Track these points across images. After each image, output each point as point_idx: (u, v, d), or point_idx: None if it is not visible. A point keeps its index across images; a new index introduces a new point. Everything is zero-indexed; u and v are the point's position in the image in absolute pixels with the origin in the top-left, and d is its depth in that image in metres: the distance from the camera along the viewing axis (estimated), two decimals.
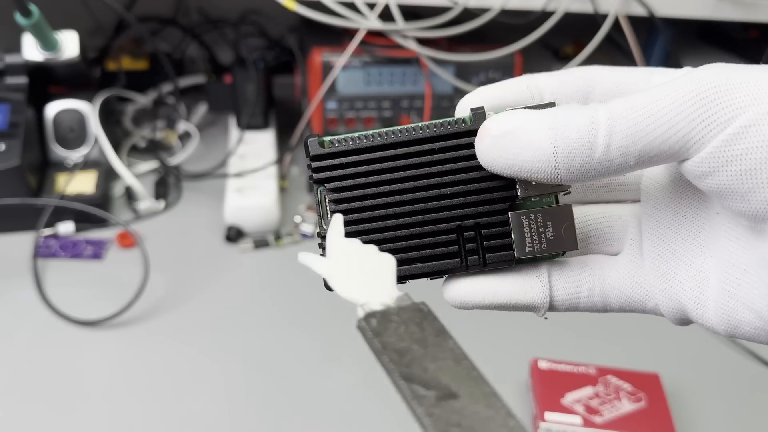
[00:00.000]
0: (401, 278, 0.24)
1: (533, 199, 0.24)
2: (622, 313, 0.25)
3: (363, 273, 0.21)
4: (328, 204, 0.24)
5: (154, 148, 0.81)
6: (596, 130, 0.20)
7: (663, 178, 0.24)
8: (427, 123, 0.24)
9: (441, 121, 0.24)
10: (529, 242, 0.24)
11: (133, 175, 0.73)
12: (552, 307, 0.24)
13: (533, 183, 0.23)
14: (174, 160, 0.80)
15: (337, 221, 0.23)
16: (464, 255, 0.24)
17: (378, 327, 0.18)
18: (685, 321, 0.24)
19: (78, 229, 0.68)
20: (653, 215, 0.24)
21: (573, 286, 0.24)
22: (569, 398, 0.49)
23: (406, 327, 0.18)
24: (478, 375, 0.17)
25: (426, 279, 0.25)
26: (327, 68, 0.73)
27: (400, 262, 0.23)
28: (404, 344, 0.18)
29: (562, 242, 0.24)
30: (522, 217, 0.24)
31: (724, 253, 0.22)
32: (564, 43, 0.97)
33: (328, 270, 0.21)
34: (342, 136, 0.24)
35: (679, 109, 0.19)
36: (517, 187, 0.24)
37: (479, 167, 0.23)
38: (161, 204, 0.74)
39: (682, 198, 0.24)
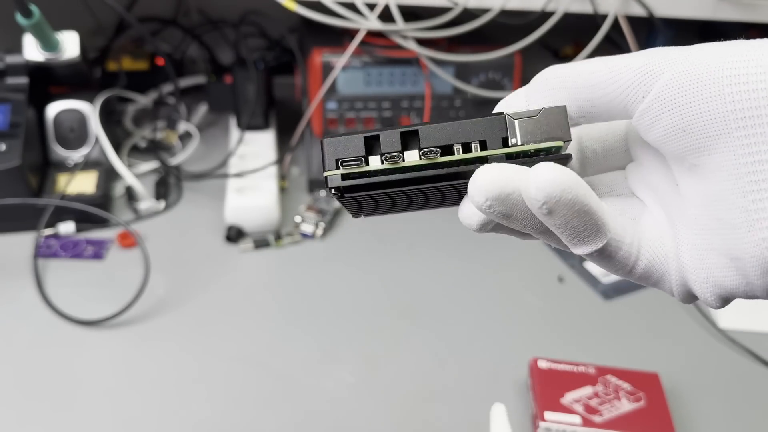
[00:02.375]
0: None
1: None
2: (641, 282, 0.25)
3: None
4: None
5: (155, 149, 0.81)
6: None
7: (645, 161, 0.26)
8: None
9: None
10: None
11: (134, 175, 0.74)
12: None
13: None
14: (174, 161, 0.80)
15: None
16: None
17: None
18: (687, 293, 0.24)
19: (79, 229, 0.68)
20: (646, 193, 0.26)
21: (621, 230, 0.24)
22: (569, 398, 0.49)
23: None
24: None
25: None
26: (327, 68, 0.73)
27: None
28: None
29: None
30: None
31: (686, 213, 0.24)
32: (564, 43, 0.97)
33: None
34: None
35: (626, 64, 0.23)
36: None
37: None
38: (162, 204, 0.74)
39: (662, 176, 0.25)
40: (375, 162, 0.24)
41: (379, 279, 0.65)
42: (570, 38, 0.95)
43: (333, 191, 0.24)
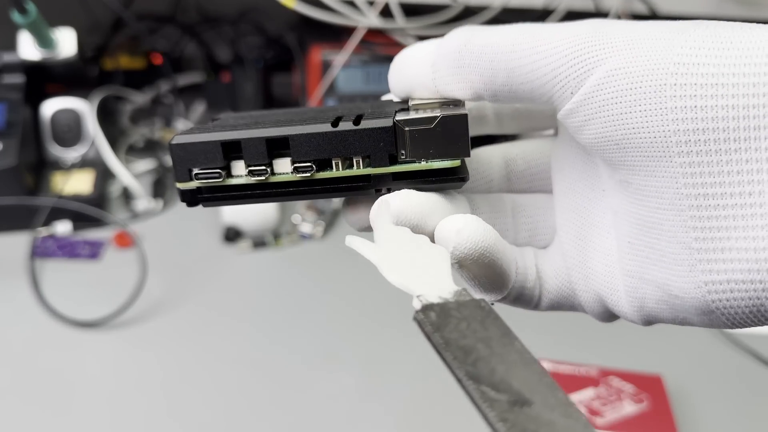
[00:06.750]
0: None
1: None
2: (551, 311, 0.24)
3: (415, 263, 0.19)
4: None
5: (152, 147, 0.81)
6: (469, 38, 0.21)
7: (568, 159, 0.23)
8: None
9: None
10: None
11: (131, 175, 0.73)
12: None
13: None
14: None
15: (385, 206, 0.20)
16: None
17: (438, 321, 0.17)
18: (606, 314, 0.23)
19: (75, 229, 0.68)
20: (564, 202, 0.23)
21: (523, 270, 0.23)
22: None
23: (468, 324, 0.17)
24: (551, 381, 0.16)
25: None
26: (326, 66, 0.73)
27: None
28: (468, 342, 0.16)
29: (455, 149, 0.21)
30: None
31: (616, 231, 0.21)
32: None
33: (377, 256, 0.19)
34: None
35: (554, 46, 0.19)
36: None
37: None
38: (159, 204, 0.73)
39: (586, 180, 0.22)
40: (239, 171, 0.21)
41: (380, 279, 0.64)
42: None
43: (188, 204, 0.22)
